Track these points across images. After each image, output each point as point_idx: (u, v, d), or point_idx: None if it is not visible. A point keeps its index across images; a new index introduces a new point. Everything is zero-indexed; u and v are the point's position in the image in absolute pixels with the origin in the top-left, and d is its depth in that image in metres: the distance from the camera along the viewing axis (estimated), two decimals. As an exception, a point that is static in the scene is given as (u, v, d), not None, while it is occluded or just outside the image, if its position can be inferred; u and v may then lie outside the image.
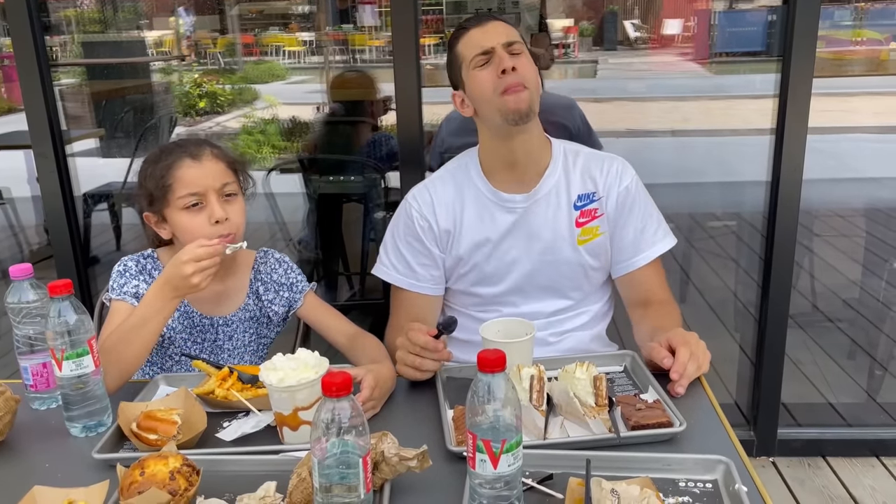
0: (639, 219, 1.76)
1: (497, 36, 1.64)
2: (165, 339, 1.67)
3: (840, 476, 2.62)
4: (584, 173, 1.76)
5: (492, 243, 1.74)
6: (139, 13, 5.58)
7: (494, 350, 0.99)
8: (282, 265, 1.76)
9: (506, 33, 1.66)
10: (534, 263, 1.74)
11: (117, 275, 1.65)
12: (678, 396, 1.37)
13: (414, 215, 1.76)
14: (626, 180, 1.75)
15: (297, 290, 1.75)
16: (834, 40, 6.25)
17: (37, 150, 2.45)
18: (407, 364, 1.46)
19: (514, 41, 1.65)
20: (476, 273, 1.76)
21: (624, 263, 1.77)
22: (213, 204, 1.56)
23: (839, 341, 3.30)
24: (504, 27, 1.67)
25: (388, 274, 1.79)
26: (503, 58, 1.61)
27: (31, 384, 1.44)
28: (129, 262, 1.67)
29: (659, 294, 1.77)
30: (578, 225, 1.74)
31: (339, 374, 0.96)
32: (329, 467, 0.96)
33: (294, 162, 3.97)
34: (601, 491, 1.02)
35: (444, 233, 1.75)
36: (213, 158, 1.60)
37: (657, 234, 1.78)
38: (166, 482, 1.05)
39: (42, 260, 1.32)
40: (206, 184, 1.56)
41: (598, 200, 1.75)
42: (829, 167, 4.74)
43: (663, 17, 7.57)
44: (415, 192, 1.80)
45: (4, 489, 1.17)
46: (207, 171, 1.58)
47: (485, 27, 1.67)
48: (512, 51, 1.64)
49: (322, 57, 6.50)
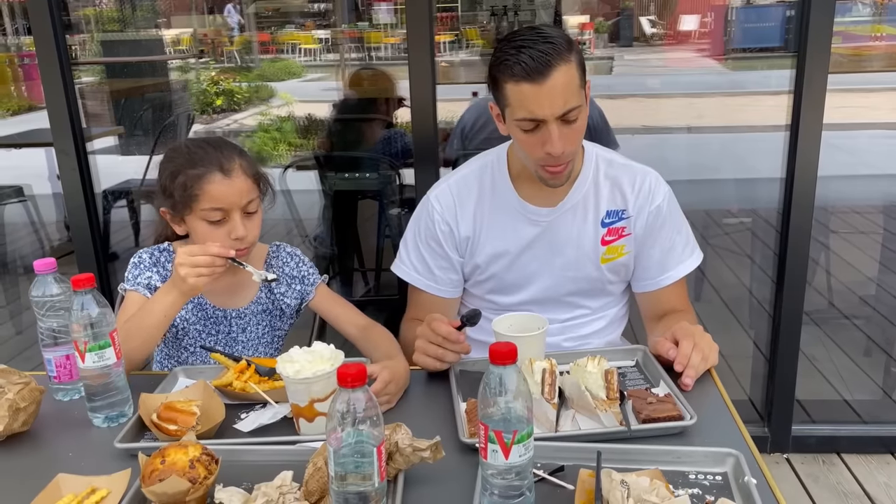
0: (667, 238, 1.69)
1: (553, 104, 1.44)
2: (179, 330, 1.70)
3: (854, 473, 2.61)
4: (615, 187, 1.67)
5: (511, 255, 1.69)
6: (157, 12, 5.64)
7: (506, 343, 1.00)
8: (293, 258, 1.77)
9: (563, 99, 1.44)
10: (554, 278, 1.70)
11: (132, 266, 1.68)
12: (687, 390, 1.38)
13: (436, 218, 1.71)
14: (657, 199, 1.67)
15: (309, 283, 1.77)
16: (852, 36, 6.18)
17: (58, 147, 2.49)
18: (428, 354, 1.46)
19: (572, 108, 1.45)
20: (494, 282, 1.73)
21: (648, 281, 1.72)
22: (236, 222, 1.57)
23: (855, 338, 3.29)
24: (563, 87, 1.43)
25: (408, 273, 1.77)
26: (554, 139, 1.46)
27: (55, 376, 1.48)
28: (143, 254, 1.70)
29: (678, 306, 1.73)
30: (604, 243, 1.67)
31: (354, 365, 0.98)
32: (344, 456, 0.98)
33: (310, 159, 4.01)
34: (611, 482, 1.04)
35: (465, 239, 1.71)
36: (242, 174, 1.58)
37: (684, 251, 1.71)
38: (186, 470, 1.08)
39: (63, 256, 1.35)
40: (232, 201, 1.57)
41: (627, 219, 1.67)
42: (845, 163, 4.71)
43: (679, 14, 7.53)
44: (438, 192, 1.73)
45: (30, 477, 1.20)
46: (235, 189, 1.57)
47: (541, 86, 1.42)
48: (567, 118, 1.46)
49: (338, 54, 6.54)
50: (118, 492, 1.14)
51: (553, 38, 1.45)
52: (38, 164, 4.02)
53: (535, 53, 1.42)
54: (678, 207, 1.72)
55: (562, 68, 1.43)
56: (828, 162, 2.39)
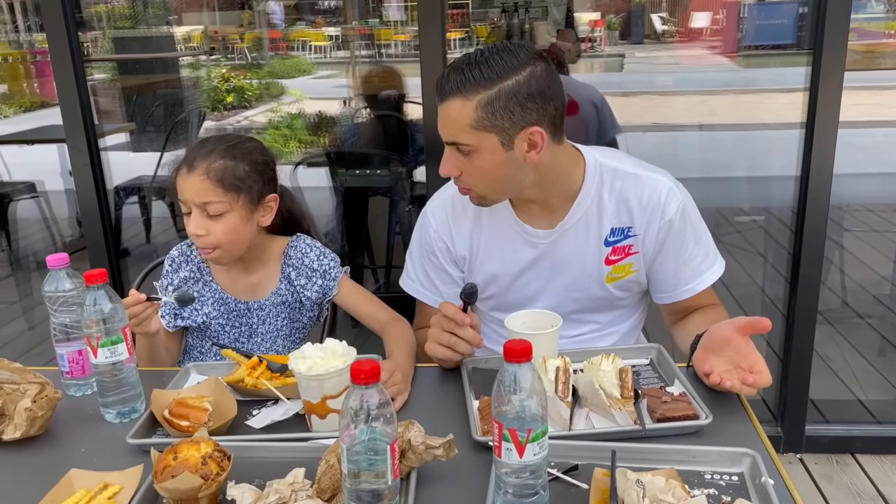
0: (682, 251, 1.57)
1: (442, 129, 1.43)
2: (202, 325, 1.71)
3: (868, 473, 2.59)
4: (621, 202, 1.55)
5: (510, 276, 1.63)
6: (168, 9, 5.65)
7: (520, 340, 0.99)
8: (313, 250, 1.76)
9: (449, 131, 1.42)
10: (557, 297, 1.62)
11: (165, 267, 1.75)
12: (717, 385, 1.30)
13: (432, 235, 1.67)
14: (669, 212, 1.54)
15: (331, 278, 1.75)
16: (867, 32, 6.13)
17: (71, 143, 2.50)
18: (441, 343, 1.43)
19: (457, 142, 1.41)
20: (495, 301, 1.69)
21: (663, 294, 1.63)
22: (192, 217, 1.60)
23: (869, 337, 3.26)
24: (449, 119, 1.40)
25: (413, 288, 1.74)
26: (443, 160, 1.46)
27: (67, 371, 1.48)
28: (174, 251, 1.75)
29: (704, 304, 1.64)
30: (609, 262, 1.58)
31: (367, 362, 0.97)
32: (357, 454, 0.98)
33: (321, 156, 4.01)
34: (626, 481, 1.03)
35: (461, 258, 1.67)
36: (201, 175, 1.57)
37: (703, 263, 1.59)
38: (198, 467, 1.07)
39: (75, 252, 1.35)
40: (188, 197, 1.60)
41: (633, 237, 1.56)
42: (860, 161, 4.66)
43: (691, 10, 7.48)
44: (434, 207, 1.68)
45: (43, 472, 1.20)
46: (191, 186, 1.58)
47: (440, 108, 1.42)
48: (461, 150, 1.42)
49: (348, 52, 6.53)
50: (130, 487, 1.14)
51: (481, 69, 1.37)
52: (49, 160, 4.04)
53: (448, 74, 1.40)
54: (695, 217, 1.60)
55: (455, 102, 1.38)
56: (842, 159, 2.36)
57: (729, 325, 1.35)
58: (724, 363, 1.33)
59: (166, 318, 1.70)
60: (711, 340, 1.37)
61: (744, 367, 1.29)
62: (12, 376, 1.34)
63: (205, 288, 1.71)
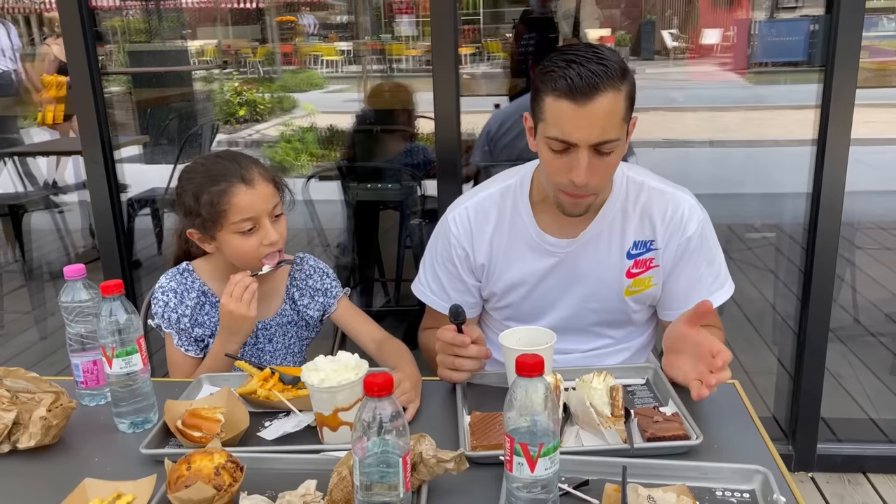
0: (695, 270, 1.59)
1: (590, 130, 1.36)
2: (208, 342, 1.71)
3: (881, 493, 2.56)
4: (645, 215, 1.56)
5: (528, 286, 1.64)
6: (182, 23, 5.72)
7: (533, 354, 1.00)
8: (317, 271, 1.79)
9: (601, 128, 1.36)
10: (575, 308, 1.64)
11: (155, 302, 1.70)
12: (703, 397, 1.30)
13: (452, 241, 1.67)
14: (690, 229, 1.56)
15: (332, 296, 1.78)
16: (878, 50, 6.13)
17: (87, 156, 2.53)
18: (446, 366, 1.45)
19: (608, 140, 1.37)
20: (511, 310, 1.70)
21: (670, 312, 1.63)
22: (267, 228, 1.61)
23: (881, 356, 3.24)
24: (604, 116, 1.35)
25: (424, 294, 1.76)
26: (581, 168, 1.37)
27: (82, 381, 1.49)
28: (164, 280, 1.71)
29: (706, 324, 1.57)
30: (630, 276, 1.59)
31: (381, 374, 0.98)
32: (370, 466, 0.98)
33: (332, 169, 4.04)
34: (637, 497, 1.03)
35: (480, 266, 1.67)
36: (263, 181, 1.62)
37: (713, 284, 1.61)
38: (212, 477, 1.08)
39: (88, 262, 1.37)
40: (260, 209, 1.60)
41: (655, 250, 1.58)
42: (872, 178, 4.65)
43: (702, 27, 7.49)
44: (455, 214, 1.67)
45: (57, 482, 1.21)
46: (260, 196, 1.61)
47: (581, 108, 1.34)
48: (601, 150, 1.38)
49: (360, 66, 6.58)
50: (143, 497, 1.14)
51: (607, 61, 1.36)
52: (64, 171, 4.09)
53: (584, 72, 1.34)
54: (712, 238, 1.61)
55: (608, 95, 1.35)
56: (854, 177, 2.36)
57: (679, 321, 1.43)
58: (690, 360, 1.37)
59: (192, 350, 1.71)
60: (670, 341, 1.43)
61: (704, 354, 1.32)
62: (28, 385, 1.36)
63: (212, 310, 1.71)
